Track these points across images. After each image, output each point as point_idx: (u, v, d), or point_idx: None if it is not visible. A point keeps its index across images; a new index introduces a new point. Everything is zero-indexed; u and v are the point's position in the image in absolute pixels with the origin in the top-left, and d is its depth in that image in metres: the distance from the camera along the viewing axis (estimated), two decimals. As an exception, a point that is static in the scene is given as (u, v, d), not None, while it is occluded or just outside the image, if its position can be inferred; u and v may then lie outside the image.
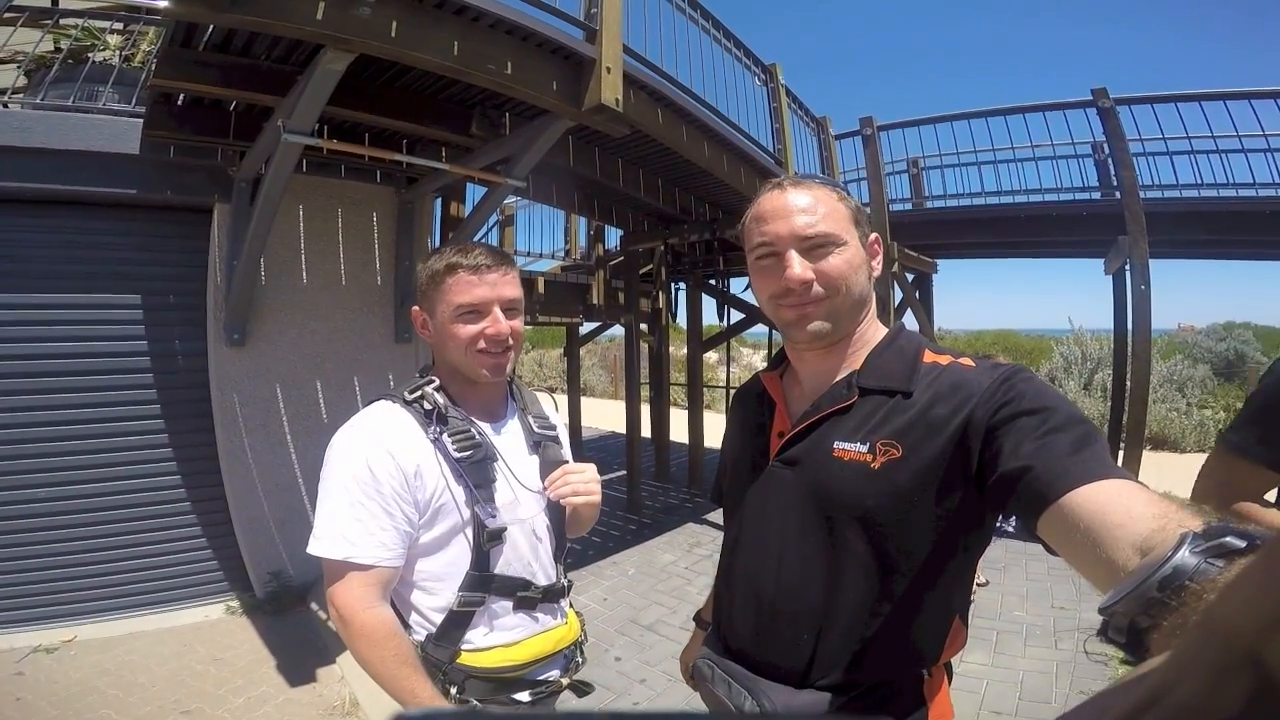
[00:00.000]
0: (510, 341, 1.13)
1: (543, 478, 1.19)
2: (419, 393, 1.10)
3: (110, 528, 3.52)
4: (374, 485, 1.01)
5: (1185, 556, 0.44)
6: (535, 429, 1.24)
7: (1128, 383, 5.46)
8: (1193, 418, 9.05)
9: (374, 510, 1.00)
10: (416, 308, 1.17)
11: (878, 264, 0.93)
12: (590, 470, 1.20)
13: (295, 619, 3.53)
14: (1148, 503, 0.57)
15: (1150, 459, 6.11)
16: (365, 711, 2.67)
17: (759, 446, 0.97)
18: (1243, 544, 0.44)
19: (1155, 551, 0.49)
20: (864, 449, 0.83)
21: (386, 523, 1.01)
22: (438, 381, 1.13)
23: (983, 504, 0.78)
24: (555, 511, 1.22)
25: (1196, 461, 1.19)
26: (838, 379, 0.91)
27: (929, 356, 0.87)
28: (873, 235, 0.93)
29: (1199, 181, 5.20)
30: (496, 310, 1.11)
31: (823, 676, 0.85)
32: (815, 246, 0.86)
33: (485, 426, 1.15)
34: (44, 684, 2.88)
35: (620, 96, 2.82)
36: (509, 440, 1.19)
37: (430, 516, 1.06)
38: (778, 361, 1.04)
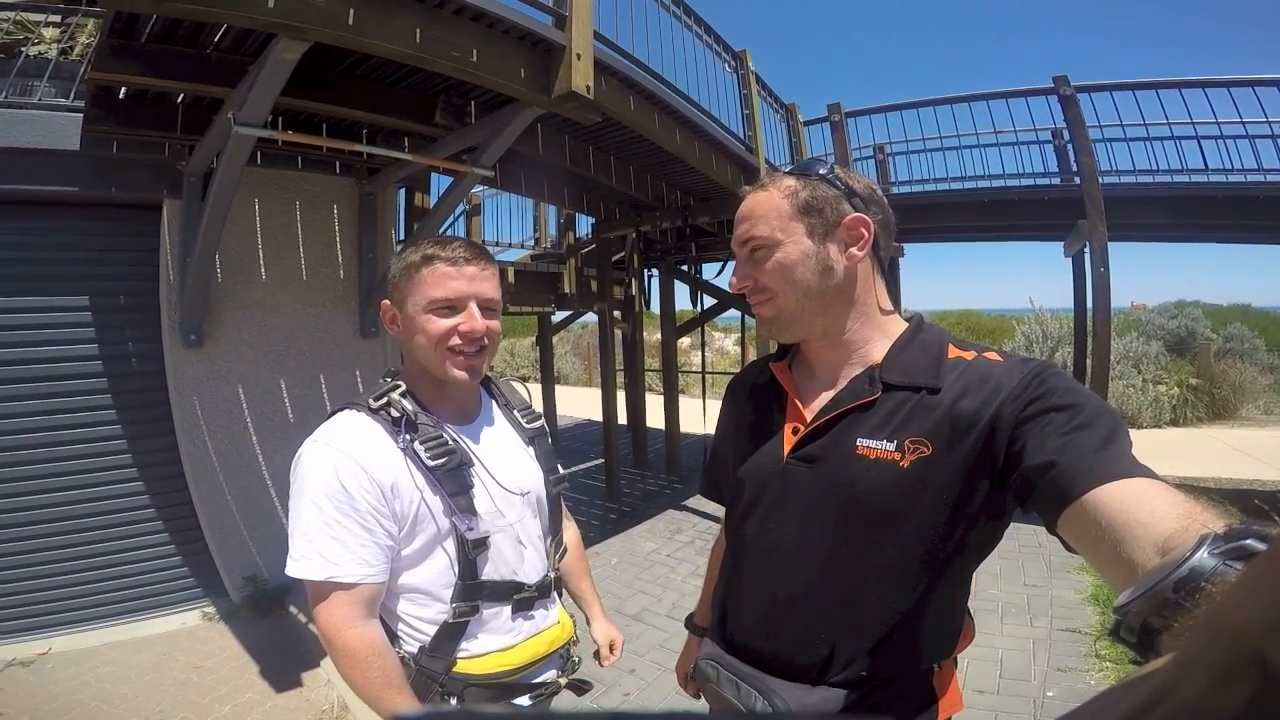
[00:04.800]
0: (485, 342, 1.07)
1: (545, 472, 1.21)
2: (384, 399, 1.05)
3: (76, 537, 3.40)
4: (349, 502, 0.97)
5: (1203, 558, 0.44)
6: (526, 425, 1.23)
7: (1088, 361, 5.63)
8: (1148, 393, 9.33)
9: (351, 527, 0.97)
10: (386, 301, 1.11)
11: (859, 248, 0.86)
12: (619, 649, 1.39)
13: (275, 623, 3.46)
14: (1172, 502, 0.55)
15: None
16: (355, 715, 2.63)
17: (770, 441, 0.93)
18: (1263, 546, 0.43)
19: (1174, 552, 0.48)
20: (891, 447, 0.80)
21: (366, 539, 0.97)
22: (404, 386, 1.08)
23: (1005, 499, 0.77)
24: (551, 505, 1.23)
25: (1155, 437, 1.21)
26: (857, 373, 0.88)
27: (953, 352, 0.85)
28: (847, 218, 0.86)
29: (1155, 167, 5.34)
30: (473, 306, 1.05)
31: (838, 674, 0.84)
32: (754, 250, 0.89)
33: (458, 430, 1.11)
34: (24, 698, 2.79)
35: (591, 83, 2.76)
36: (488, 441, 1.15)
37: (409, 529, 1.02)
38: (785, 350, 1.00)
